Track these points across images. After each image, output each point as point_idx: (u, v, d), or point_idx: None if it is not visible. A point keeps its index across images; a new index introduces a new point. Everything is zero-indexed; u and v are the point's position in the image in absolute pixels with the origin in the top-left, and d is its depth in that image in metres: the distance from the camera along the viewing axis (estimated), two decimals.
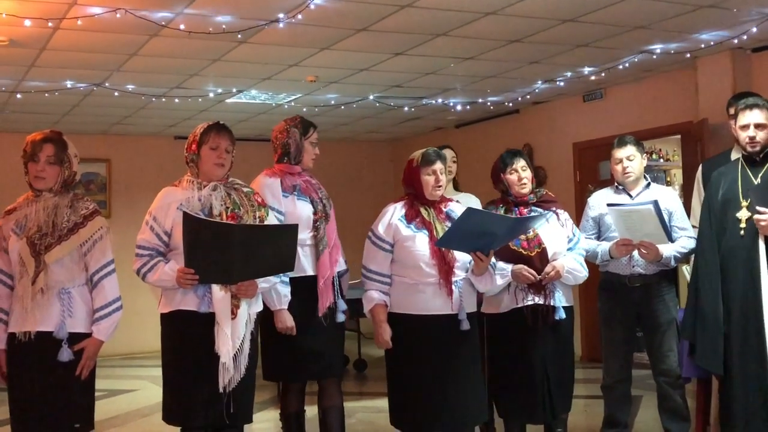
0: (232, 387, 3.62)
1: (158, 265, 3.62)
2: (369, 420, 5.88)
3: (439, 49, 6.48)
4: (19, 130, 9.19)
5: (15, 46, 5.95)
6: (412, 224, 3.92)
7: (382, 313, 3.89)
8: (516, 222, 3.92)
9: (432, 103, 8.71)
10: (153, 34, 5.76)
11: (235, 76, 7.25)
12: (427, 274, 3.86)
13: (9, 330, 3.58)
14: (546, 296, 4.09)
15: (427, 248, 3.87)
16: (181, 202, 3.66)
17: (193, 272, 3.51)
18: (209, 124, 3.80)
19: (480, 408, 3.99)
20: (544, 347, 4.10)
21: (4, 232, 3.61)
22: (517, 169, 4.22)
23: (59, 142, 3.62)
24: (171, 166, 10.03)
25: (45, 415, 3.53)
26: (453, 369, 3.87)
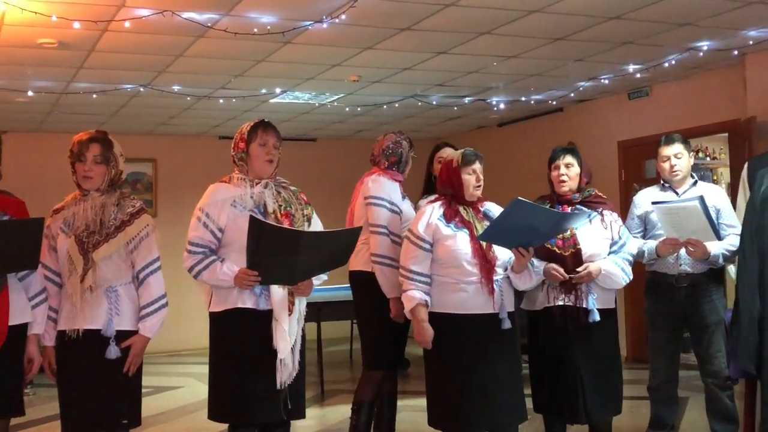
0: (289, 383, 3.67)
1: (214, 264, 3.65)
2: (412, 419, 5.86)
3: (482, 48, 6.45)
4: (68, 131, 9.35)
5: (64, 48, 6.06)
6: (452, 223, 3.92)
7: (422, 312, 3.89)
8: (558, 217, 3.89)
9: (474, 101, 8.68)
10: (199, 35, 5.82)
11: (278, 77, 7.30)
12: (468, 273, 3.86)
13: (58, 328, 3.63)
14: (577, 297, 4.04)
15: (469, 247, 3.87)
16: (234, 198, 3.70)
17: (256, 274, 3.54)
18: (255, 121, 3.83)
19: (520, 408, 3.97)
20: (579, 349, 4.05)
21: (52, 230, 3.66)
22: (559, 166, 4.18)
23: (105, 142, 3.67)
24: (215, 166, 10.12)
25: (93, 412, 3.58)
26: (493, 368, 3.86)
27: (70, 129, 9.30)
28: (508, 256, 3.91)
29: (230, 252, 3.67)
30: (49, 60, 6.40)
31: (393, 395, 4.72)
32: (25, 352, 3.57)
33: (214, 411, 3.79)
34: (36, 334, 3.60)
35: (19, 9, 5.04)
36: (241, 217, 3.62)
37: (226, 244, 3.70)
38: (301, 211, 3.78)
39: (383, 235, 4.39)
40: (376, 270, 4.39)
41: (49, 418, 6.13)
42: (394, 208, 4.46)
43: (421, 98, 8.42)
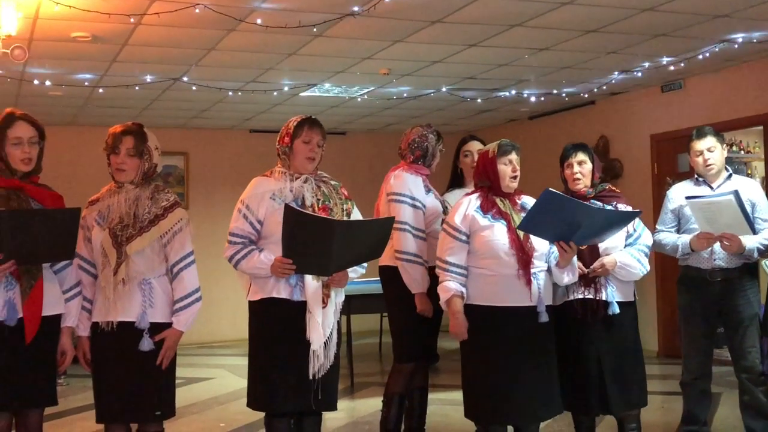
0: (321, 374, 3.69)
1: (252, 253, 3.70)
2: (443, 412, 5.87)
3: (514, 40, 6.42)
4: (101, 124, 9.49)
5: (98, 41, 6.12)
6: (488, 215, 3.91)
7: (458, 304, 3.88)
8: (600, 213, 3.84)
9: (505, 94, 8.64)
10: (231, 29, 5.85)
11: (309, 70, 7.32)
12: (505, 264, 3.84)
13: (92, 319, 3.66)
14: (596, 290, 4.03)
15: (506, 238, 3.85)
16: (273, 192, 3.74)
17: (290, 262, 3.58)
18: (302, 117, 3.87)
19: (555, 401, 3.96)
20: (598, 342, 4.04)
21: (87, 222, 3.68)
22: (572, 164, 4.16)
23: (139, 135, 3.68)
24: (246, 159, 10.27)
25: (128, 402, 3.61)
26: (530, 361, 3.85)
27: (103, 122, 9.40)
28: (547, 248, 3.90)
29: (269, 244, 3.72)
30: (83, 54, 6.47)
31: (424, 389, 4.73)
32: (59, 343, 3.60)
33: (250, 398, 3.84)
34: (69, 326, 3.63)
35: (53, 3, 5.09)
36: (279, 210, 3.65)
37: (266, 236, 3.75)
38: (340, 206, 3.82)
39: (406, 231, 4.40)
40: (399, 267, 4.41)
41: (82, 408, 6.21)
42: (416, 204, 4.46)
43: (452, 91, 8.40)
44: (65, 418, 5.97)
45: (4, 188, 3.47)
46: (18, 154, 3.49)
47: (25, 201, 3.49)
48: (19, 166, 3.50)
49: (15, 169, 3.50)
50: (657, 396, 6.24)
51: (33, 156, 3.53)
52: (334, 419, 5.75)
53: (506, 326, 3.85)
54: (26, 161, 3.51)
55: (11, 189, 3.48)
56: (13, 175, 3.50)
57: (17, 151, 3.49)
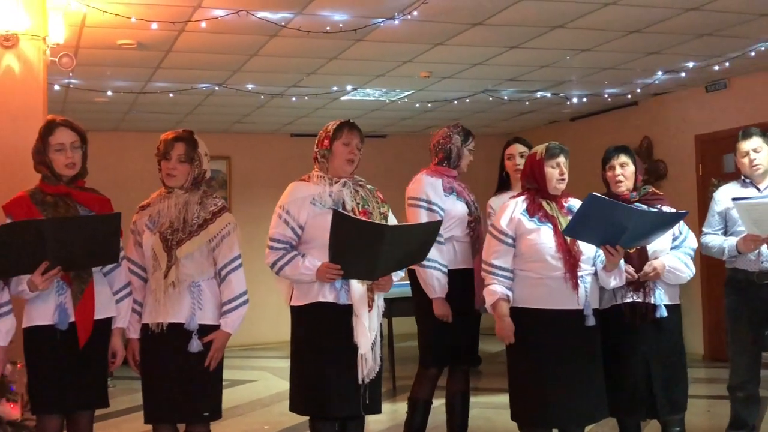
0: (370, 378, 3.71)
1: (296, 259, 3.72)
2: (486, 416, 5.86)
3: (556, 42, 6.39)
4: (145, 129, 9.64)
5: (142, 48, 6.22)
6: (535, 218, 3.90)
7: (505, 307, 3.87)
8: (645, 215, 3.81)
9: (547, 96, 8.59)
10: (273, 34, 5.91)
11: (350, 74, 7.35)
12: (552, 267, 3.83)
13: (142, 321, 3.71)
14: (645, 294, 3.99)
15: (553, 241, 3.84)
16: (313, 196, 3.75)
17: (338, 267, 3.60)
18: (341, 121, 3.88)
19: (601, 405, 3.93)
20: (646, 346, 4.00)
21: (138, 226, 3.75)
22: (614, 166, 4.12)
23: (190, 141, 3.73)
24: (288, 163, 10.33)
25: (176, 404, 3.65)
26: (576, 365, 3.83)
27: (147, 128, 9.57)
28: (594, 251, 3.88)
29: (310, 249, 3.73)
30: (128, 60, 6.57)
31: (465, 393, 4.68)
32: (109, 345, 3.66)
33: (294, 403, 3.85)
34: (120, 327, 3.69)
35: (99, 11, 5.19)
36: (320, 214, 3.67)
37: (306, 241, 3.76)
38: (378, 210, 3.82)
39: None
40: (417, 272, 4.38)
41: (129, 409, 6.29)
42: (432, 207, 4.37)
43: (493, 93, 8.38)
44: (113, 420, 6.05)
45: (52, 195, 3.54)
46: (62, 160, 3.55)
47: (73, 207, 3.55)
48: (63, 171, 3.56)
49: (60, 174, 3.56)
50: (703, 400, 6.16)
51: (77, 160, 3.59)
52: (376, 422, 5.75)
53: (553, 329, 3.83)
54: (70, 166, 3.57)
55: (59, 195, 3.54)
56: (59, 180, 3.57)
57: (61, 156, 3.55)
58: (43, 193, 3.54)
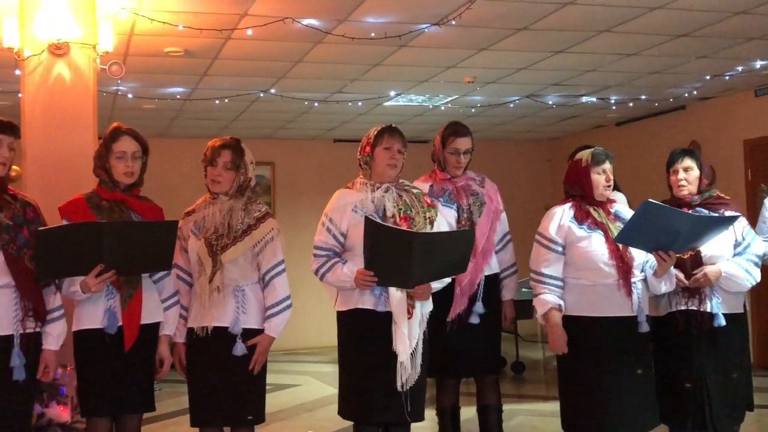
0: (410, 385, 3.70)
1: (336, 265, 3.74)
2: (530, 423, 5.82)
3: (601, 46, 6.33)
4: (191, 136, 9.76)
5: (189, 56, 6.29)
6: (584, 225, 3.86)
7: (557, 317, 3.83)
8: (699, 220, 3.75)
9: (592, 100, 8.52)
10: (318, 41, 5.94)
11: (393, 80, 7.37)
12: (605, 274, 3.79)
13: (188, 325, 3.77)
14: (701, 302, 3.92)
15: (605, 248, 3.80)
16: (355, 203, 3.77)
17: (372, 274, 3.60)
18: (382, 126, 3.89)
19: (653, 413, 3.88)
20: (701, 355, 3.93)
21: (184, 232, 3.80)
22: (678, 170, 4.06)
23: (237, 149, 3.78)
24: (331, 169, 10.39)
25: (221, 407, 3.69)
26: (629, 373, 3.79)
27: (192, 134, 9.69)
28: (644, 257, 3.83)
29: (353, 256, 3.75)
30: (175, 68, 6.66)
31: (486, 407, 4.46)
32: (157, 351, 3.70)
33: (341, 407, 3.88)
34: (167, 335, 3.73)
35: (148, 19, 5.26)
36: (361, 222, 3.67)
37: (349, 248, 3.78)
38: (422, 215, 3.80)
39: None
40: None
41: (176, 413, 6.35)
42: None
43: (537, 98, 8.33)
44: (158, 423, 6.13)
45: (108, 200, 3.60)
46: (121, 168, 3.61)
47: (127, 213, 3.61)
48: (121, 179, 3.62)
49: (118, 181, 3.62)
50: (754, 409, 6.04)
51: (135, 170, 3.65)
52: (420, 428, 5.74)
53: (606, 337, 3.79)
54: (129, 174, 3.63)
55: (114, 201, 3.60)
56: (116, 187, 3.63)
57: (121, 164, 3.61)
58: (99, 197, 3.61)
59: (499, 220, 4.40)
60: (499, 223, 4.41)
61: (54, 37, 4.56)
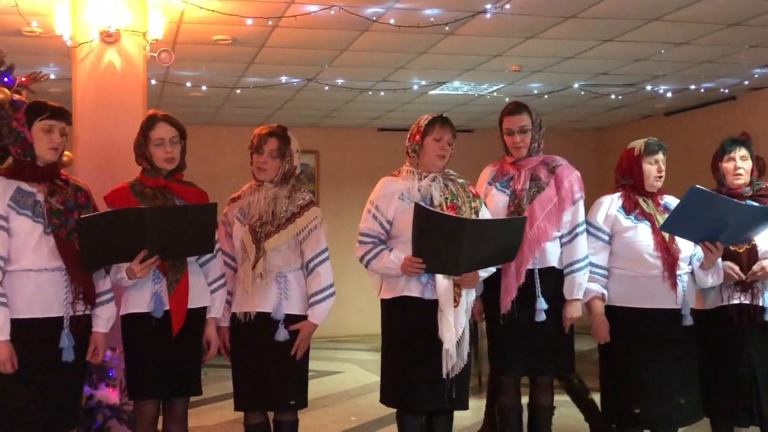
0: (455, 374, 3.70)
1: (383, 253, 3.74)
2: (574, 415, 5.75)
3: (651, 35, 6.24)
4: (237, 124, 9.83)
5: (236, 44, 6.34)
6: (632, 215, 3.84)
7: (600, 305, 3.82)
8: (750, 210, 3.67)
9: (640, 90, 8.40)
10: (364, 29, 5.94)
11: (439, 68, 7.34)
12: (650, 266, 3.76)
13: (231, 310, 3.81)
14: (753, 296, 3.86)
15: (651, 239, 3.77)
16: (402, 191, 3.77)
17: (420, 261, 3.59)
18: (433, 116, 3.87)
19: (696, 407, 3.84)
20: (753, 349, 3.87)
21: (229, 218, 3.85)
22: (734, 158, 3.97)
23: (283, 137, 3.80)
24: (375, 158, 10.38)
25: (263, 392, 3.74)
26: (672, 366, 3.75)
27: (238, 122, 9.76)
28: (692, 250, 3.78)
29: (398, 243, 3.75)
30: (223, 56, 6.71)
31: (544, 404, 4.14)
32: (204, 334, 3.74)
33: (383, 394, 3.88)
34: (214, 317, 3.77)
35: (197, 7, 5.31)
36: (408, 210, 3.67)
37: (395, 235, 3.78)
38: (468, 204, 3.79)
39: None
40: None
41: (220, 397, 6.42)
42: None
43: (584, 87, 8.24)
44: (203, 407, 6.21)
45: (151, 187, 3.64)
46: (161, 154, 3.64)
47: (170, 199, 3.64)
48: (162, 165, 3.66)
49: (159, 168, 3.66)
50: None
51: (175, 155, 3.68)
52: (461, 418, 5.73)
53: (649, 329, 3.76)
54: (169, 160, 3.66)
55: (157, 188, 3.64)
56: (159, 173, 3.67)
57: (160, 150, 3.64)
58: (143, 185, 3.65)
59: (566, 210, 3.95)
60: (567, 212, 3.95)
61: (105, 25, 4.62)
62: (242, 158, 4.12)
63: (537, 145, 4.04)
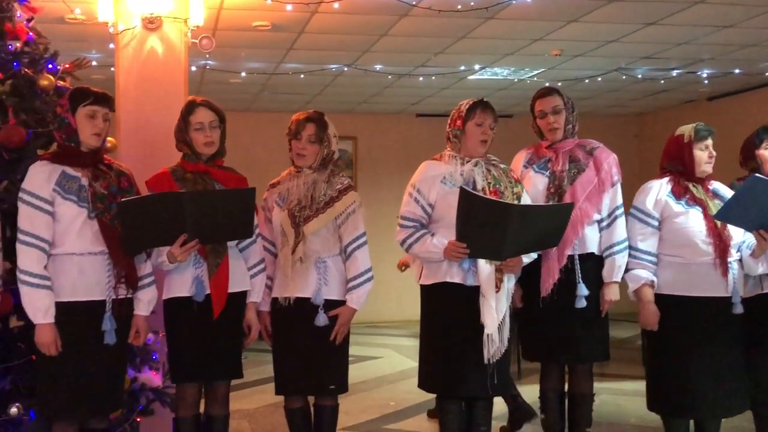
0: (496, 359, 3.69)
1: (425, 237, 3.73)
2: (614, 402, 5.74)
3: (696, 18, 6.13)
4: (275, 110, 9.86)
5: (276, 30, 6.35)
6: (682, 200, 3.79)
7: (649, 293, 3.78)
8: None
9: (683, 74, 8.26)
10: (403, 14, 5.91)
11: (479, 53, 7.29)
12: (701, 252, 3.72)
13: (272, 295, 3.84)
14: None
15: (703, 225, 3.73)
16: (444, 175, 3.76)
17: (464, 246, 3.58)
18: (474, 100, 3.85)
19: (743, 397, 3.79)
20: None
21: (269, 203, 3.88)
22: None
23: (321, 123, 3.82)
24: (412, 143, 10.38)
25: (303, 376, 3.77)
26: (721, 355, 3.71)
27: (277, 108, 9.79)
28: (742, 237, 3.73)
29: (440, 227, 3.74)
30: (262, 42, 6.73)
31: (583, 392, 4.14)
32: (244, 319, 3.78)
33: (422, 380, 3.88)
34: (254, 302, 3.81)
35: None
36: (450, 193, 3.66)
37: (436, 219, 3.77)
38: (510, 189, 3.77)
39: None
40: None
41: (261, 381, 6.49)
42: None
43: (626, 71, 8.13)
44: (244, 390, 6.27)
45: (192, 172, 3.67)
46: (201, 139, 3.67)
47: (211, 184, 3.68)
48: (203, 149, 3.69)
49: (200, 153, 3.69)
50: None
51: (215, 139, 3.71)
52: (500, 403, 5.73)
53: (698, 317, 3.72)
54: (209, 144, 3.69)
55: (198, 173, 3.68)
56: (199, 159, 3.70)
57: (200, 135, 3.67)
58: (184, 170, 3.69)
59: (606, 192, 3.97)
60: (606, 195, 3.97)
61: (147, 11, 4.65)
62: (281, 144, 4.13)
63: (572, 126, 4.08)
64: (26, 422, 3.60)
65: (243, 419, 5.65)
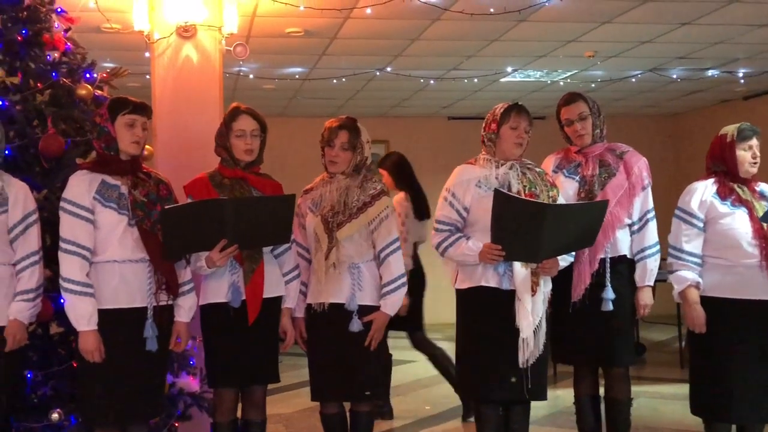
0: (531, 362, 3.68)
1: (460, 240, 3.73)
2: (652, 406, 5.68)
3: (731, 17, 6.06)
4: (307, 115, 9.91)
5: (309, 36, 6.38)
6: (727, 201, 3.74)
7: (695, 294, 3.74)
8: None
9: (718, 74, 8.17)
10: (435, 18, 5.92)
11: (511, 56, 7.27)
12: (747, 254, 3.67)
13: (306, 301, 3.85)
14: None
15: (749, 227, 3.67)
16: (479, 179, 3.75)
17: (499, 248, 3.58)
18: (509, 104, 3.84)
19: None
20: None
21: (302, 209, 3.89)
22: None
23: (353, 129, 3.82)
24: (445, 147, 10.36)
25: (339, 381, 3.77)
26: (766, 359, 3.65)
27: (309, 113, 9.84)
28: None
29: (475, 231, 3.73)
30: (295, 48, 6.77)
31: (618, 397, 4.08)
32: (280, 324, 3.80)
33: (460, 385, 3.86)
34: (289, 308, 3.83)
35: (270, 0, 5.35)
36: (485, 197, 3.65)
37: (471, 223, 3.76)
38: (546, 193, 3.74)
39: None
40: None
41: (296, 385, 6.51)
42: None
43: (660, 72, 8.05)
44: (281, 395, 6.30)
45: (229, 178, 3.71)
46: (241, 146, 3.70)
47: (247, 190, 3.71)
48: (242, 156, 3.72)
49: (238, 159, 3.72)
50: None
51: (255, 147, 3.74)
52: (537, 408, 5.68)
53: (744, 321, 3.66)
54: (249, 152, 3.72)
55: (235, 179, 3.71)
56: (237, 165, 3.73)
57: (240, 142, 3.70)
58: (221, 175, 3.72)
59: (637, 196, 3.99)
60: (637, 199, 3.99)
61: (182, 20, 4.70)
62: (314, 149, 4.16)
63: (600, 131, 4.08)
64: (67, 427, 3.66)
65: (279, 423, 5.67)
